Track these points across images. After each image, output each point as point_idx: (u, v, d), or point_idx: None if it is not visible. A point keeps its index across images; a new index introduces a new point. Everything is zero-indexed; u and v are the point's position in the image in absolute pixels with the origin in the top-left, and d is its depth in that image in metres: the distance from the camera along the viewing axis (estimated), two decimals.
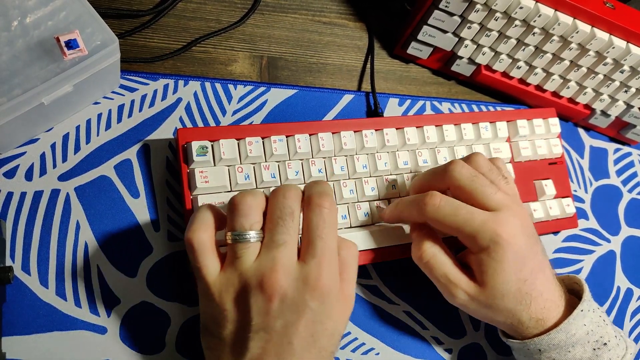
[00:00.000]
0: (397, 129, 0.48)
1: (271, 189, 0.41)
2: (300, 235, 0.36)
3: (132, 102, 0.45)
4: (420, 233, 0.42)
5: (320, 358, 0.34)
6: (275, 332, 0.33)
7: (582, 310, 0.40)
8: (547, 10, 0.48)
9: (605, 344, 0.41)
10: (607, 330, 0.41)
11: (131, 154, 0.43)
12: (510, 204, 0.40)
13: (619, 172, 0.61)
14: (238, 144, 0.43)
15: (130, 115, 0.44)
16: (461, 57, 0.54)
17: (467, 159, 0.43)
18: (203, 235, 0.34)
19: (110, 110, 0.44)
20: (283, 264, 0.33)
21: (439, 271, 0.41)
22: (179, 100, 0.46)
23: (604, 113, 0.59)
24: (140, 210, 0.42)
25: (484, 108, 0.57)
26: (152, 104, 0.45)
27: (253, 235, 0.34)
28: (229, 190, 0.42)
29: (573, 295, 0.43)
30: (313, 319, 0.33)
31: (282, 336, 0.33)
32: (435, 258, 0.41)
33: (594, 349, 0.40)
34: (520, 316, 0.40)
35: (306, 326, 0.33)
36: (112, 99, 0.44)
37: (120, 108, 0.44)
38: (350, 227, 0.45)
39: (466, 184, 0.40)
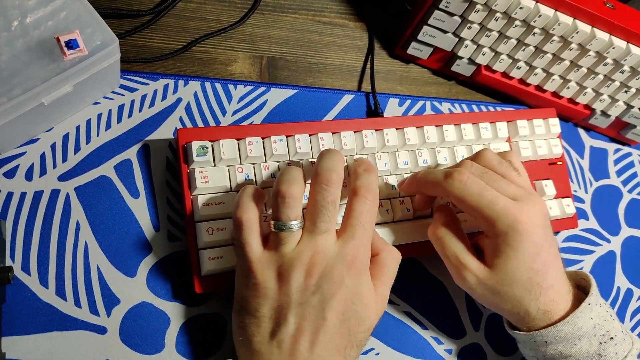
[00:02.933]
0: (397, 129, 0.48)
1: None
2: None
3: (132, 102, 0.45)
4: (443, 213, 0.43)
5: (348, 339, 0.35)
6: (312, 307, 0.35)
7: (589, 304, 0.40)
8: (547, 11, 0.48)
9: (611, 338, 0.41)
10: (613, 325, 0.41)
11: (131, 154, 0.43)
12: (529, 195, 0.40)
13: (619, 173, 0.61)
14: (238, 144, 0.43)
15: (130, 115, 0.44)
16: (461, 57, 0.54)
17: (475, 156, 0.43)
18: (251, 214, 0.36)
19: (110, 110, 0.44)
20: (324, 246, 0.36)
21: (450, 250, 0.41)
22: (179, 100, 0.46)
23: (604, 113, 0.59)
24: (140, 210, 0.42)
25: (484, 108, 0.57)
26: (152, 104, 0.45)
27: (296, 224, 0.36)
28: (229, 190, 0.42)
29: (580, 291, 0.43)
30: (347, 296, 0.35)
31: (317, 311, 0.35)
32: (448, 236, 0.41)
33: (600, 343, 0.40)
34: (528, 306, 0.40)
35: (339, 302, 0.35)
36: (112, 99, 0.44)
37: (120, 108, 0.44)
38: None
39: (474, 201, 0.40)
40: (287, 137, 0.44)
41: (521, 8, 0.48)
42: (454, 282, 0.42)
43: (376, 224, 0.45)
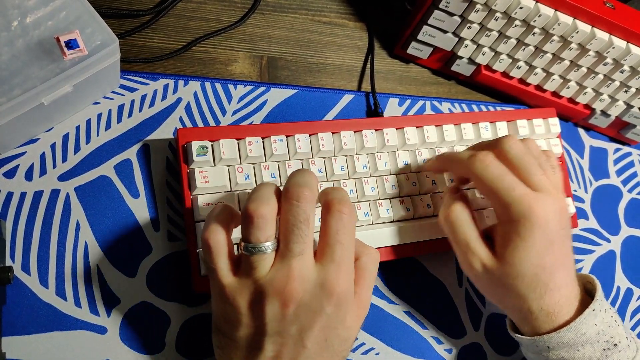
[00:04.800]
0: (397, 129, 0.48)
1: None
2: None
3: (132, 102, 0.45)
4: (454, 196, 0.42)
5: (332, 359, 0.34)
6: (290, 336, 0.33)
7: (593, 310, 0.40)
8: (547, 10, 0.48)
9: (615, 344, 0.40)
10: (618, 331, 0.41)
11: (131, 154, 0.43)
12: (552, 190, 0.40)
13: (619, 172, 0.61)
14: (238, 144, 0.43)
15: (130, 115, 0.44)
16: (461, 57, 0.54)
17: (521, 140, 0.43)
18: (220, 237, 0.34)
19: (110, 110, 0.44)
20: (300, 272, 0.33)
21: (460, 235, 0.41)
22: (179, 100, 0.46)
23: (604, 113, 0.59)
24: (140, 210, 0.42)
25: (484, 108, 0.57)
26: (152, 104, 0.45)
27: (268, 246, 0.33)
28: (229, 190, 0.42)
29: (586, 294, 0.43)
30: (328, 324, 0.34)
31: (297, 340, 0.33)
32: (460, 221, 0.41)
33: (604, 349, 0.40)
34: (531, 305, 0.39)
35: (321, 330, 0.33)
36: (112, 99, 0.44)
37: (120, 108, 0.44)
38: None
39: (515, 158, 0.40)
40: (287, 137, 0.44)
41: (521, 8, 0.48)
42: (454, 282, 0.42)
43: (377, 224, 0.45)
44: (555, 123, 0.54)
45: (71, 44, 0.35)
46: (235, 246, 0.38)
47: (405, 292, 0.48)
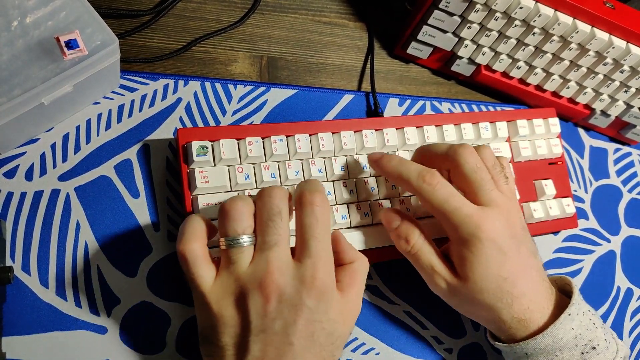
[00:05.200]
0: (397, 129, 0.48)
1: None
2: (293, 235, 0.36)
3: (132, 102, 0.45)
4: (405, 225, 0.42)
5: (321, 355, 0.34)
6: (275, 333, 0.33)
7: (569, 315, 0.40)
8: (547, 10, 0.48)
9: (594, 347, 0.40)
10: (596, 334, 0.41)
11: (131, 154, 0.43)
12: (502, 204, 0.40)
13: (619, 172, 0.61)
14: (238, 144, 0.43)
15: (130, 115, 0.44)
16: (461, 57, 0.54)
17: (476, 149, 0.43)
18: (194, 246, 0.34)
19: (110, 110, 0.44)
20: (277, 264, 0.34)
21: (425, 261, 0.41)
22: (179, 100, 0.46)
23: (604, 113, 0.59)
24: (140, 210, 0.42)
25: (484, 108, 0.57)
26: (152, 104, 0.45)
27: (246, 239, 0.34)
28: (229, 190, 0.42)
29: (565, 296, 0.43)
30: (311, 317, 0.34)
31: (282, 337, 0.33)
32: (423, 250, 0.41)
33: (582, 353, 0.40)
34: (501, 314, 0.40)
35: (305, 325, 0.33)
36: (112, 99, 0.44)
37: (120, 108, 0.44)
38: (350, 227, 0.45)
39: (468, 173, 0.40)
40: (287, 137, 0.44)
41: (521, 8, 0.48)
42: None
43: (377, 224, 0.45)
44: (555, 123, 0.54)
45: (71, 44, 0.35)
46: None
47: (405, 292, 0.48)
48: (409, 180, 0.40)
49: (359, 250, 0.40)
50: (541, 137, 0.54)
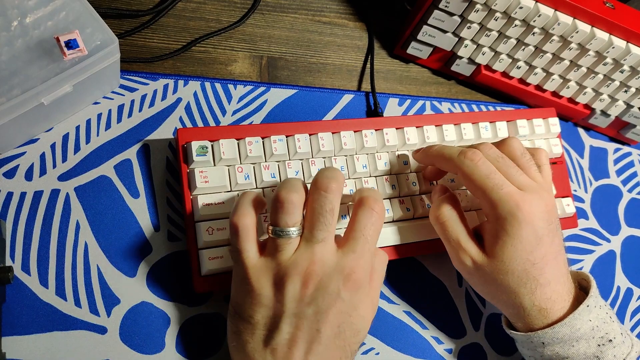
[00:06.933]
0: (397, 129, 0.48)
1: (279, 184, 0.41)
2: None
3: (132, 102, 0.45)
4: (444, 196, 0.43)
5: (343, 350, 0.35)
6: (306, 318, 0.34)
7: (588, 306, 0.40)
8: (547, 10, 0.48)
9: (610, 340, 0.40)
10: (613, 327, 0.41)
11: (131, 154, 0.43)
12: (537, 189, 0.40)
13: (619, 172, 0.61)
14: (238, 144, 0.43)
15: (130, 115, 0.44)
16: (461, 57, 0.54)
17: (500, 143, 0.43)
18: (247, 220, 0.36)
19: (110, 110, 0.44)
20: (321, 256, 0.35)
21: (451, 233, 0.41)
22: (179, 100, 0.46)
23: (603, 113, 0.59)
24: (140, 210, 0.42)
25: (484, 108, 0.57)
26: (152, 104, 0.45)
27: (294, 231, 0.35)
28: (229, 190, 0.42)
29: (581, 291, 0.43)
30: (342, 309, 0.35)
31: (312, 323, 0.34)
32: (450, 220, 0.41)
33: (599, 345, 0.40)
34: (523, 300, 0.40)
35: (335, 315, 0.35)
36: (112, 99, 0.44)
37: (120, 108, 0.44)
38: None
39: (495, 160, 0.41)
40: (287, 137, 0.44)
41: (521, 8, 0.48)
42: (454, 282, 0.43)
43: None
44: (555, 123, 0.54)
45: (71, 44, 0.35)
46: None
47: (405, 292, 0.48)
48: (451, 157, 0.41)
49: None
50: (541, 137, 0.54)
